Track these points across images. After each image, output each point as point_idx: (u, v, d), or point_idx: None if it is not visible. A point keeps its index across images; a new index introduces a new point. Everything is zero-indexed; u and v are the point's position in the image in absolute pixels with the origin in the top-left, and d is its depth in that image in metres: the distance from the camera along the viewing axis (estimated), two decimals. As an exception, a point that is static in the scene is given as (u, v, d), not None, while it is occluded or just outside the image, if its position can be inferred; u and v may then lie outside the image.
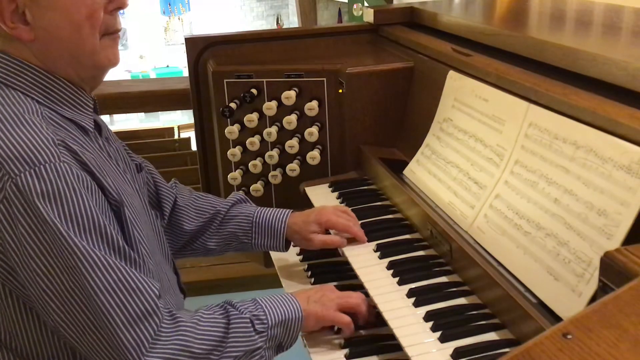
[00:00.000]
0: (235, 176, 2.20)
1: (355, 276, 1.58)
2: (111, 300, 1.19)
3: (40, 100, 1.30)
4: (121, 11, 1.39)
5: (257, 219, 1.72)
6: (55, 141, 1.22)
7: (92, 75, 1.38)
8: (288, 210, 1.75)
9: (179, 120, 9.42)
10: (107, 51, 1.35)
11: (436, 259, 1.55)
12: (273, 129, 2.12)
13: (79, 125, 1.34)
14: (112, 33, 1.35)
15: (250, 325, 1.33)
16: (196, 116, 2.36)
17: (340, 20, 9.72)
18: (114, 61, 1.37)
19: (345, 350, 1.41)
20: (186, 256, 1.80)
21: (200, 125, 2.36)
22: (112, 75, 1.46)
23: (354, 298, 1.48)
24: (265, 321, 1.35)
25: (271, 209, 1.75)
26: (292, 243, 1.77)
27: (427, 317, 1.34)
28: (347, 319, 1.44)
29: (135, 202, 1.38)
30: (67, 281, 1.19)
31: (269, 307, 1.37)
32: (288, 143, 2.12)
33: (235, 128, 2.15)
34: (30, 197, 1.16)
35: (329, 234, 1.74)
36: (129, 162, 1.56)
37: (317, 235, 1.70)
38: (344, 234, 1.71)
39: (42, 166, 1.18)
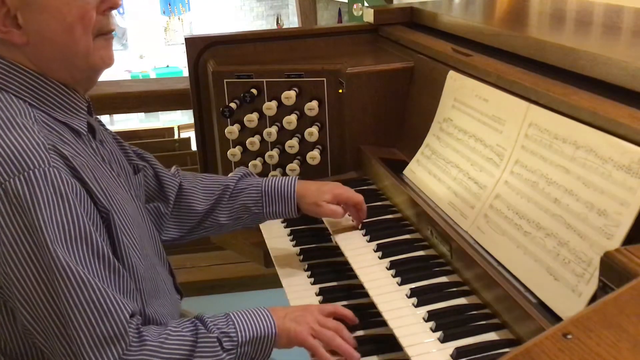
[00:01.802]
0: (235, 176, 2.20)
1: (355, 276, 1.58)
2: (80, 318, 1.18)
3: (33, 103, 1.29)
4: (121, 11, 1.39)
5: (266, 188, 1.73)
6: (46, 145, 1.21)
7: (86, 77, 1.37)
8: (294, 176, 1.77)
9: (179, 120, 9.42)
10: (101, 52, 1.33)
11: (436, 259, 1.55)
12: (273, 129, 2.12)
13: (71, 128, 1.33)
14: (105, 33, 1.34)
15: (217, 344, 1.30)
16: (196, 116, 2.36)
17: (340, 20, 9.71)
18: (108, 62, 1.35)
19: (345, 350, 1.41)
20: (199, 235, 1.78)
21: (200, 125, 2.36)
22: (112, 75, 1.45)
23: (329, 331, 1.40)
24: (235, 339, 1.32)
25: (278, 177, 1.77)
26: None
27: (427, 317, 1.35)
28: (314, 345, 1.38)
29: (128, 206, 1.37)
30: (42, 288, 1.18)
31: (240, 324, 1.34)
32: (288, 143, 2.12)
33: (235, 128, 2.15)
34: (16, 203, 1.16)
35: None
36: (125, 165, 1.54)
37: (327, 204, 1.72)
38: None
39: (31, 171, 1.17)
